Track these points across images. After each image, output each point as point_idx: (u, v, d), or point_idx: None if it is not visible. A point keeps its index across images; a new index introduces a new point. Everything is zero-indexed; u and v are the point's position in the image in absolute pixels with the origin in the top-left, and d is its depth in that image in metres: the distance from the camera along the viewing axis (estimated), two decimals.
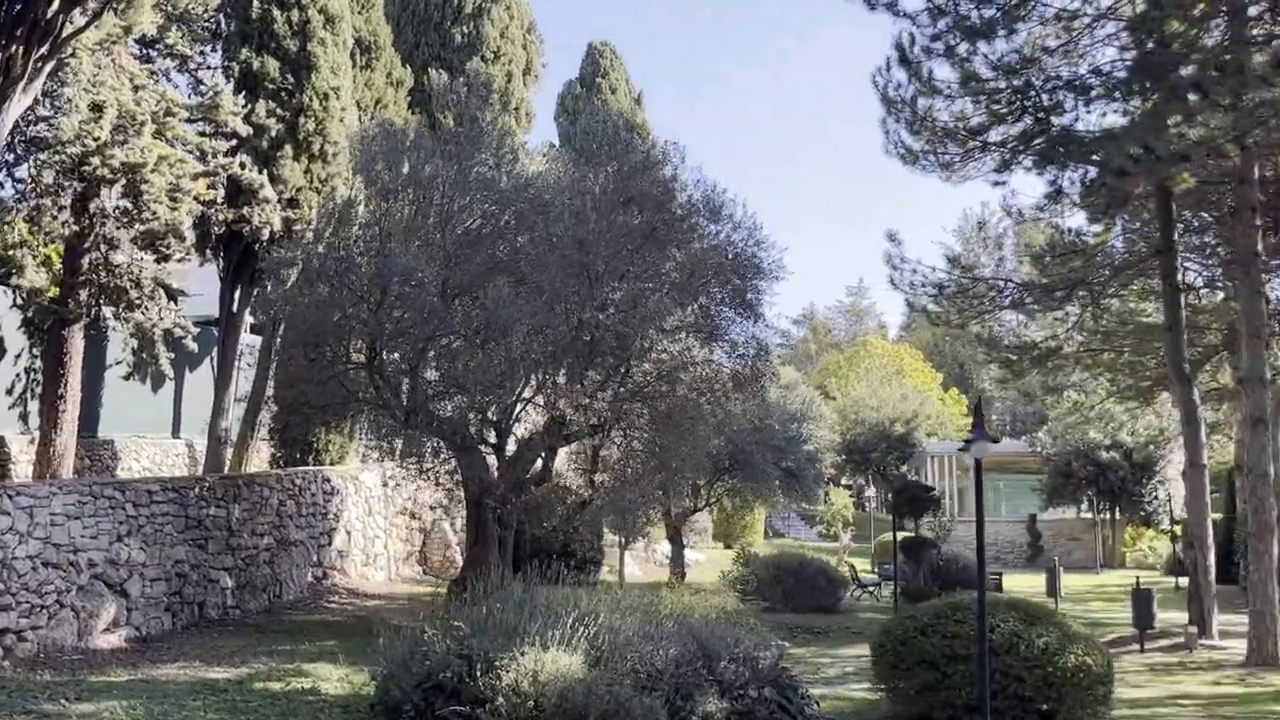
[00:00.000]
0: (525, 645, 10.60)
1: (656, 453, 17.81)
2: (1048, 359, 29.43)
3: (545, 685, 10.26)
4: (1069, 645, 12.58)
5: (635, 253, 16.79)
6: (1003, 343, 31.10)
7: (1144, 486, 38.52)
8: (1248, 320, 20.18)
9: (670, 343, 17.42)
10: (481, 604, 11.67)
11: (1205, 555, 21.92)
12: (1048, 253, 26.72)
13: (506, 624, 11.16)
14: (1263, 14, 20.45)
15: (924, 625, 12.92)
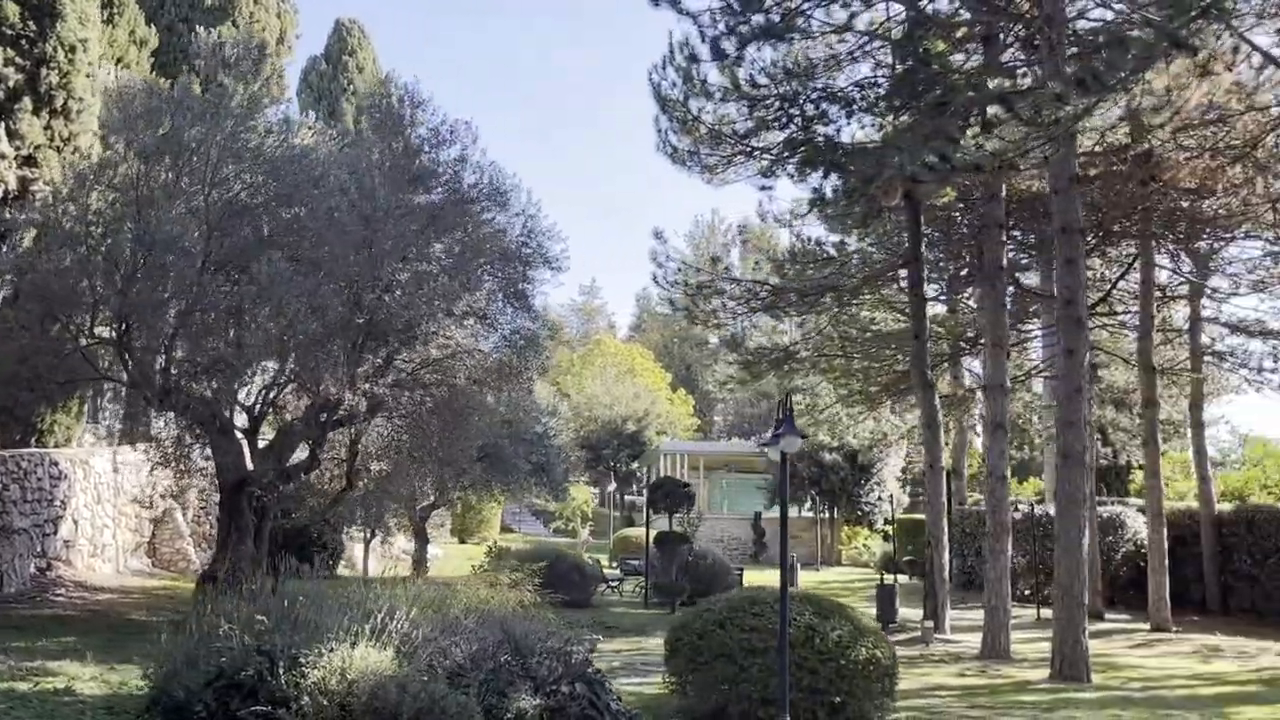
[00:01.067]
0: (333, 641, 9.91)
1: (432, 443, 17.13)
2: (784, 362, 30.33)
3: (354, 683, 9.63)
4: (860, 638, 12.84)
5: (421, 233, 16.11)
6: (744, 344, 31.79)
7: (862, 487, 40.41)
8: (991, 330, 21.39)
9: (457, 328, 16.81)
10: (258, 600, 10.83)
11: (940, 554, 23.08)
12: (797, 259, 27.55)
13: (306, 619, 10.39)
14: (1011, 43, 21.75)
15: (723, 619, 12.90)
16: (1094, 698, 15.98)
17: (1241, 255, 29.05)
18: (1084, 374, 18.34)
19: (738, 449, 45.06)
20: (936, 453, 23.52)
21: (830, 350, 30.05)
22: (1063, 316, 18.36)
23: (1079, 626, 17.86)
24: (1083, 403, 18.20)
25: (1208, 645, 22.32)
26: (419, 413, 16.74)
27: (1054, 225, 18.84)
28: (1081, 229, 19.10)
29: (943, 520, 23.32)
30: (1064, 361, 18.26)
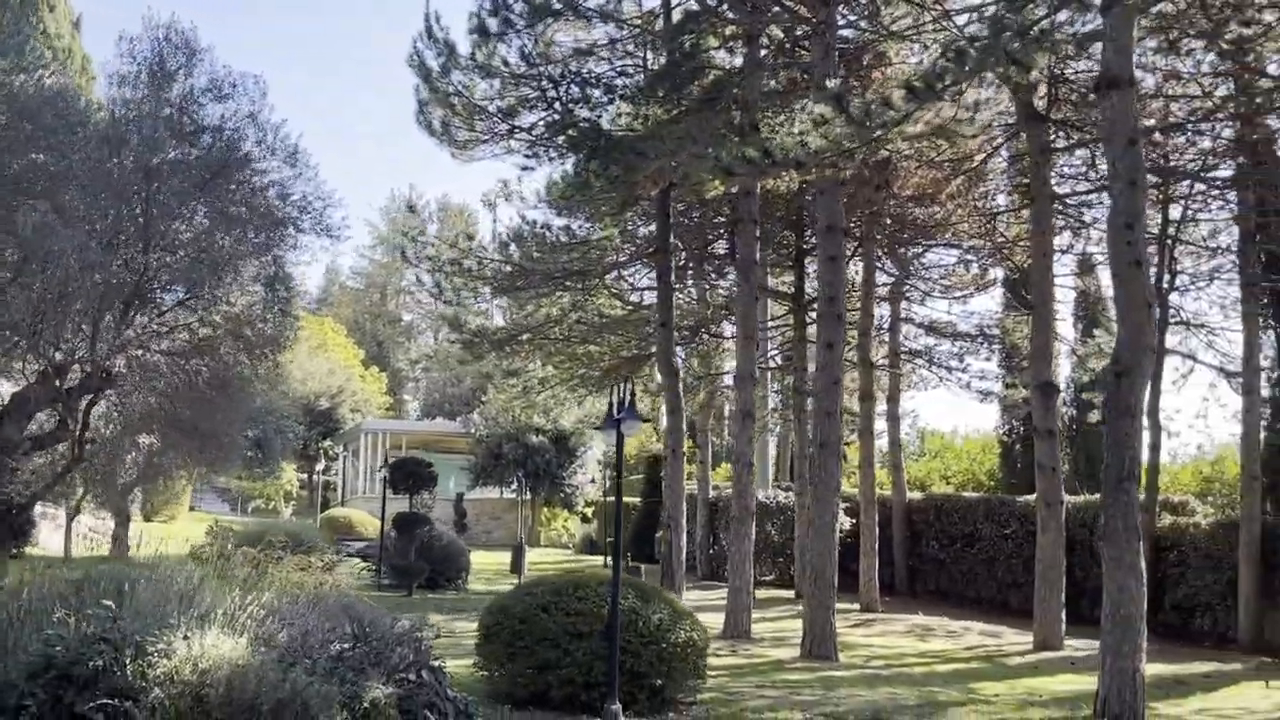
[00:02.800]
0: (184, 629, 9.10)
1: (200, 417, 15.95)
2: (506, 343, 30.26)
3: (208, 673, 8.87)
4: (679, 621, 13.03)
5: (204, 189, 14.95)
6: (465, 324, 31.46)
7: (566, 470, 40.84)
8: (744, 322, 22.11)
9: (240, 295, 15.69)
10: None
11: (679, 536, 23.67)
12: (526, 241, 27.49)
13: (145, 604, 9.49)
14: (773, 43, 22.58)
15: (546, 603, 12.75)
16: (854, 675, 16.83)
17: (940, 261, 31.42)
18: (841, 367, 19.27)
19: (440, 429, 44.47)
20: (678, 439, 24.13)
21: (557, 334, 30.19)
22: (824, 313, 19.22)
23: (830, 608, 18.81)
24: (839, 394, 19.14)
25: (918, 625, 24.00)
26: (193, 382, 15.48)
27: (818, 224, 19.70)
28: (845, 228, 20.04)
29: (682, 504, 23.93)
30: (824, 355, 19.11)
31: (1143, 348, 14.26)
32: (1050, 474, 21.36)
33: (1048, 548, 21.19)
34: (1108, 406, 14.38)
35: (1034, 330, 22.11)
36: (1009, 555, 28.22)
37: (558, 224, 28.16)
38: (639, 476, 43.98)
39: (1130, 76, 14.65)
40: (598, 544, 41.22)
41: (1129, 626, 13.71)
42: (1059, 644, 20.77)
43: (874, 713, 13.19)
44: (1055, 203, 23.13)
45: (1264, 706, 15.72)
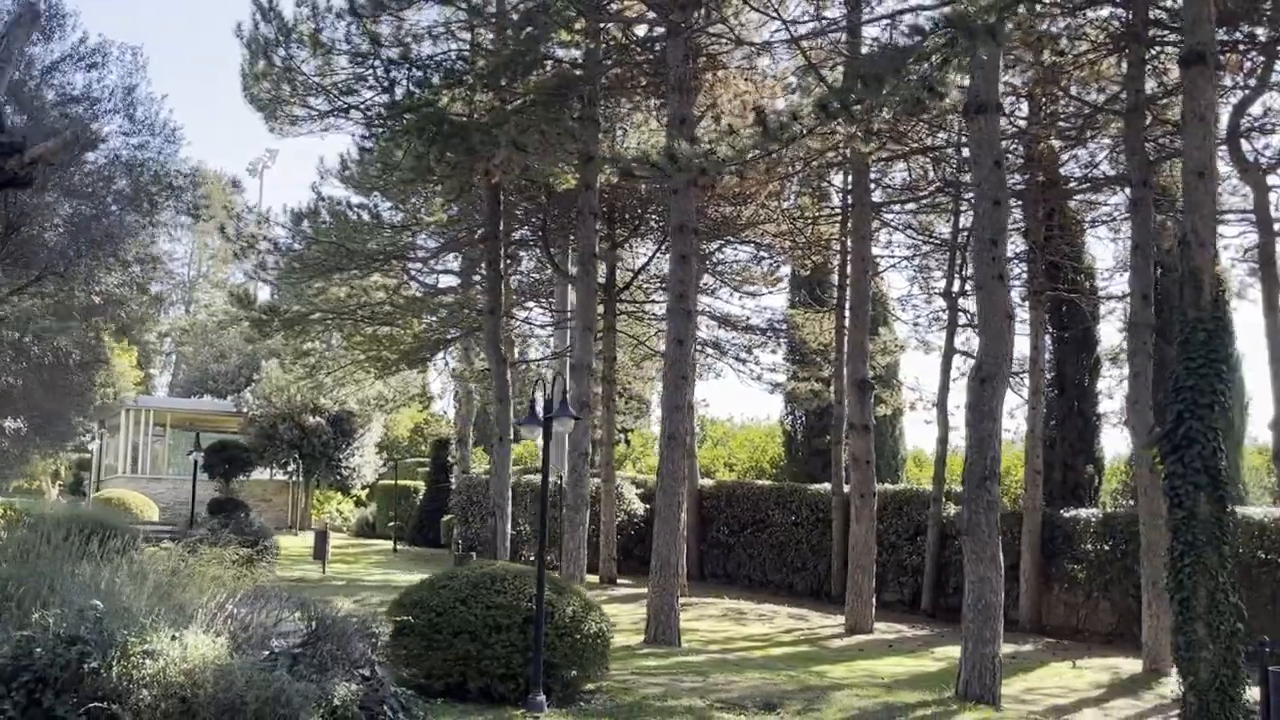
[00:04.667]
0: (165, 628, 8.79)
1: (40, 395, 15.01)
2: (297, 323, 29.56)
3: (196, 674, 8.61)
4: (589, 613, 13.27)
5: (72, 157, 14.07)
6: (255, 303, 30.53)
7: (343, 452, 39.93)
8: (583, 314, 22.40)
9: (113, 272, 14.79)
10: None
11: (504, 522, 23.77)
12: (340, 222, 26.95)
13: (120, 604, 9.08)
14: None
15: (465, 595, 12.72)
16: (705, 660, 17.46)
17: (735, 257, 32.57)
18: (690, 362, 19.85)
19: (209, 407, 42.52)
20: (506, 426, 24.18)
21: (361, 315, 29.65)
22: (674, 309, 19.69)
23: (674, 595, 19.39)
24: (687, 388, 19.71)
25: (731, 609, 24.95)
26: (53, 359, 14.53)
27: (671, 223, 20.19)
28: (696, 228, 20.60)
29: (507, 491, 24.00)
30: (674, 350, 19.61)
31: (1003, 355, 15.45)
32: (865, 467, 22.63)
33: (861, 536, 22.43)
34: (971, 410, 15.50)
35: (851, 329, 23.37)
36: (798, 541, 29.69)
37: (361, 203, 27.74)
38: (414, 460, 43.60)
39: (996, 102, 15.82)
40: (375, 527, 40.56)
41: (989, 615, 14.87)
42: (869, 627, 22.11)
43: (765, 699, 13.78)
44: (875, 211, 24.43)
45: (1082, 685, 17.32)
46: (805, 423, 34.37)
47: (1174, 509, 12.81)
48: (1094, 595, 23.94)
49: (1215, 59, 13.53)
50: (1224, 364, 12.88)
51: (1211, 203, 13.18)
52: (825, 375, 31.27)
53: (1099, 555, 23.80)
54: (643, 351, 34.30)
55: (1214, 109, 13.74)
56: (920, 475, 35.60)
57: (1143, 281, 19.13)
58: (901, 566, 27.20)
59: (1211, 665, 12.22)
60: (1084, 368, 26.87)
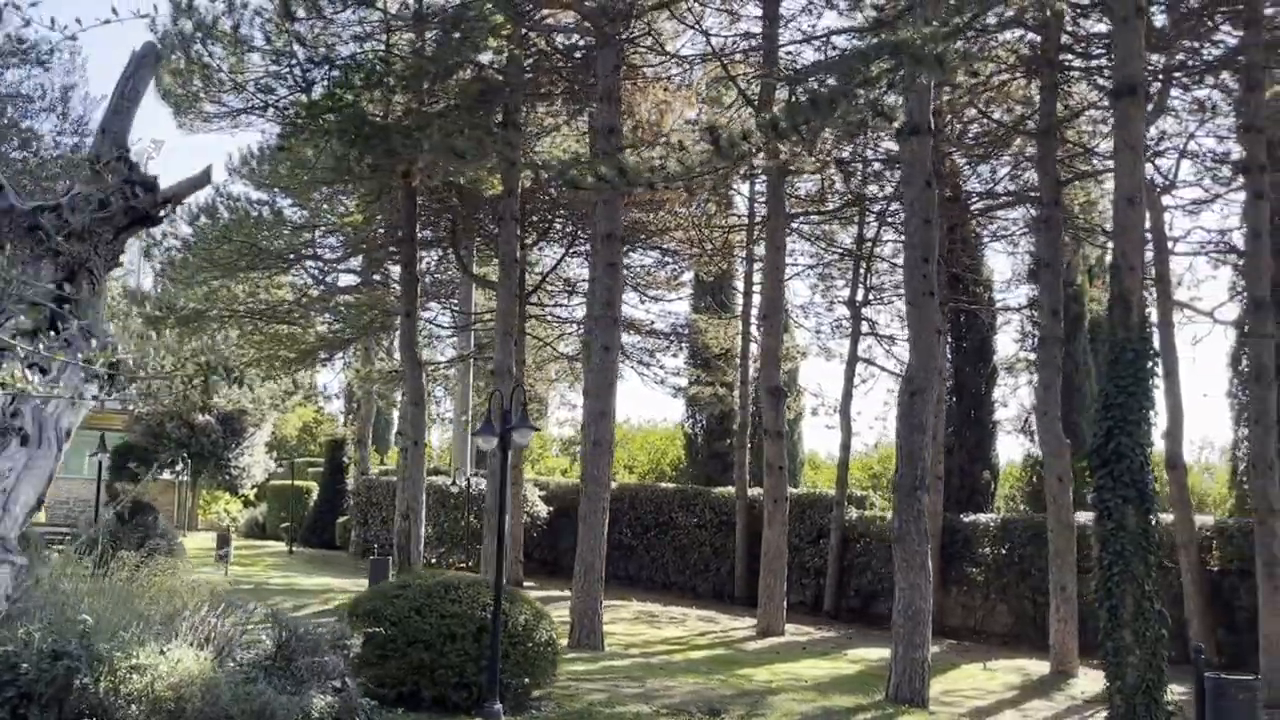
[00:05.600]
0: (150, 642, 8.74)
1: None
2: (193, 320, 29.01)
3: (183, 689, 8.58)
4: (540, 622, 13.40)
5: None
6: (148, 298, 29.91)
7: (233, 452, 39.02)
8: (504, 318, 22.44)
9: None
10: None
11: (418, 526, 23.66)
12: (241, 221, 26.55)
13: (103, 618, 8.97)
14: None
15: (420, 605, 12.72)
16: (633, 664, 17.69)
17: (642, 262, 32.83)
18: (617, 368, 20.05)
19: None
20: (421, 429, 24.07)
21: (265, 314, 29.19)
22: (602, 316, 19.88)
23: (598, 599, 19.58)
24: (613, 396, 19.89)
25: (642, 612, 25.21)
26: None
27: (598, 230, 20.36)
28: (622, 236, 20.79)
29: (421, 494, 23.88)
30: (600, 357, 19.79)
31: (933, 369, 16.02)
32: (778, 472, 23.10)
33: (773, 540, 22.87)
34: (901, 422, 15.98)
35: (765, 337, 23.81)
36: (701, 544, 30.10)
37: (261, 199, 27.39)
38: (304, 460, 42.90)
39: (929, 125, 16.35)
40: (266, 528, 39.81)
41: (919, 621, 15.38)
42: (781, 630, 22.57)
43: (709, 705, 14.05)
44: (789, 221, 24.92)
45: (996, 686, 18.00)
46: (706, 426, 34.80)
47: (1103, 520, 13.40)
48: (991, 597, 24.80)
49: (1146, 91, 14.21)
50: (1151, 382, 13.52)
51: (1141, 228, 13.87)
52: (728, 380, 31.73)
53: (996, 559, 24.67)
54: (545, 354, 34.35)
55: (1143, 139, 14.44)
56: (816, 478, 36.37)
57: (1051, 297, 19.93)
58: (804, 569, 27.77)
59: (1138, 670, 12.84)
60: (981, 376, 27.79)
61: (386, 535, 31.59)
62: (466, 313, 32.06)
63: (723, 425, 33.67)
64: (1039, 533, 23.49)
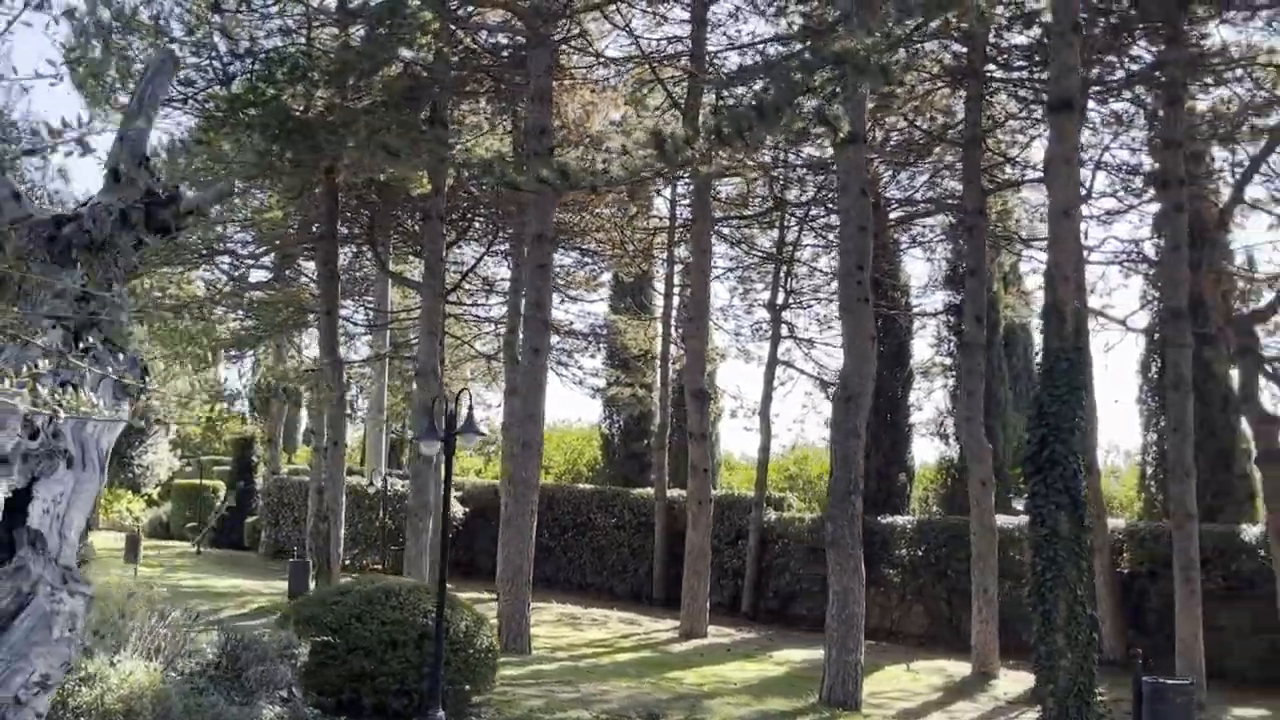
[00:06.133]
0: (99, 653, 8.48)
1: None
2: None
3: (134, 701, 8.35)
4: (480, 628, 13.29)
5: None
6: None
7: (135, 450, 38.12)
8: (429, 318, 22.17)
9: None
10: None
11: (338, 527, 23.27)
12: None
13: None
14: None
15: (360, 611, 12.53)
16: (561, 668, 17.62)
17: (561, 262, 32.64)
18: (547, 370, 19.94)
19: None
20: (341, 429, 23.68)
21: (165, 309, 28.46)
22: (531, 318, 19.78)
23: (526, 602, 19.45)
24: (543, 398, 19.79)
25: (565, 614, 25.12)
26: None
27: (529, 231, 20.23)
28: (553, 237, 20.68)
29: (341, 495, 23.50)
30: (530, 359, 19.68)
31: (867, 375, 16.17)
32: (702, 474, 23.17)
33: (697, 542, 22.95)
34: (835, 428, 16.16)
35: (690, 340, 23.90)
36: (620, 545, 30.10)
37: None
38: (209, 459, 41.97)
39: (863, 134, 16.54)
40: (170, 528, 38.87)
41: (853, 624, 15.55)
42: (704, 631, 22.66)
43: (648, 710, 14.05)
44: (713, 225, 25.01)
45: (920, 688, 18.26)
46: (623, 427, 34.78)
47: (1036, 526, 13.66)
48: (908, 598, 25.16)
49: (1081, 106, 14.52)
50: (1084, 391, 13.82)
51: (1075, 240, 14.18)
52: (648, 381, 31.76)
53: (913, 560, 25.05)
54: (461, 354, 34.02)
55: (1077, 152, 14.76)
56: (731, 479, 36.57)
57: (976, 304, 20.28)
58: (723, 570, 27.88)
59: (1069, 673, 13.12)
60: (898, 381, 28.18)
61: (298, 536, 31.06)
62: (383, 310, 31.61)
63: (640, 426, 33.69)
64: (955, 534, 23.95)
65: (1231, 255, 22.29)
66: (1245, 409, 20.64)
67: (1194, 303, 18.50)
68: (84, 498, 4.30)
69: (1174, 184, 17.96)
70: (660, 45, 24.61)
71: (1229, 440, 23.00)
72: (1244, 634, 19.74)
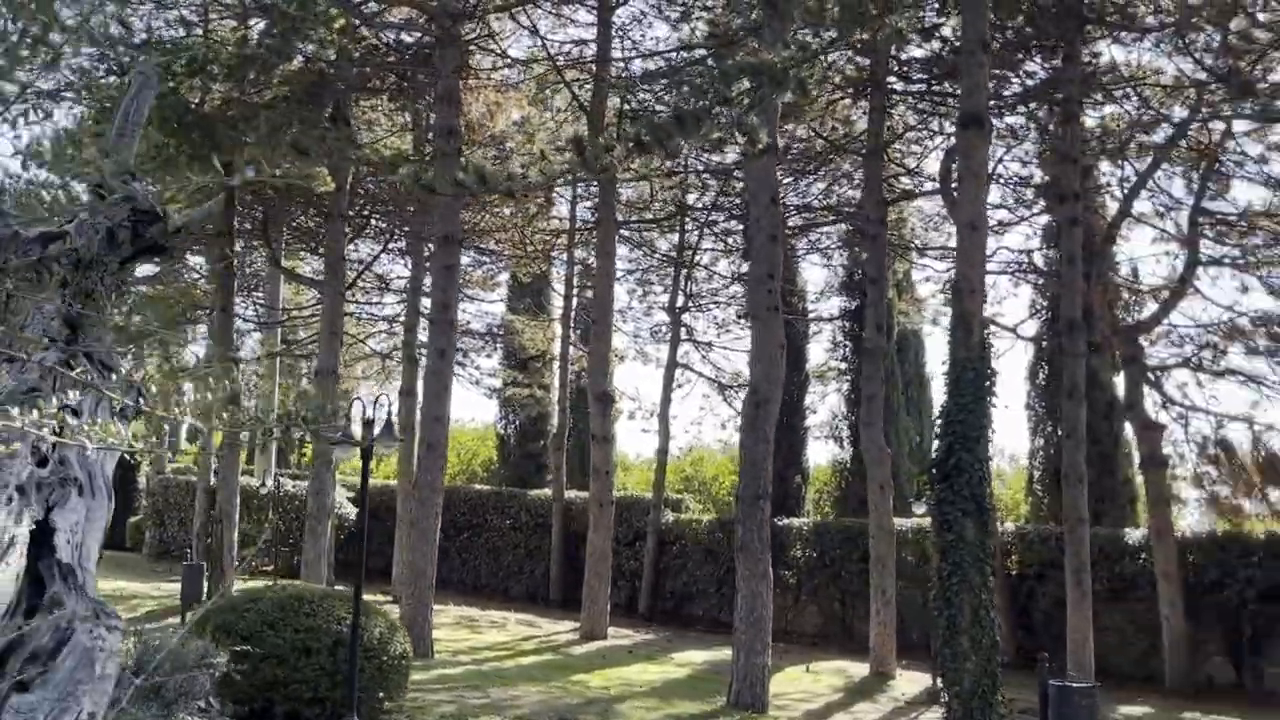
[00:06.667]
0: None
1: None
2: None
3: None
4: (395, 635, 13.18)
5: None
6: None
7: None
8: (330, 318, 21.87)
9: None
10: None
11: (231, 531, 22.83)
12: None
13: None
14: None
15: (273, 619, 12.33)
16: (466, 672, 17.53)
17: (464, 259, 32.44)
18: (452, 373, 19.82)
19: None
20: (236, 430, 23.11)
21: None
22: (438, 320, 19.60)
23: (429, 605, 19.30)
24: (448, 399, 19.66)
25: (462, 616, 24.97)
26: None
27: (435, 233, 20.07)
28: (460, 239, 20.53)
29: (235, 498, 23.04)
30: (435, 361, 19.53)
31: (776, 381, 16.42)
32: (605, 477, 23.22)
33: (599, 544, 23.00)
34: (745, 433, 16.35)
35: (593, 342, 23.90)
36: (516, 546, 30.02)
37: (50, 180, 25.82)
38: None
39: (775, 145, 16.75)
40: None
41: (760, 628, 15.74)
42: (604, 633, 22.71)
43: (560, 715, 14.08)
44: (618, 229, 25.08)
45: (821, 689, 18.57)
46: (519, 428, 34.67)
47: (943, 532, 14.00)
48: (803, 599, 25.55)
49: (990, 123, 14.92)
50: (989, 400, 14.20)
51: (982, 252, 14.54)
52: (545, 382, 31.71)
53: (808, 561, 25.44)
54: (355, 352, 33.60)
55: (986, 167, 15.16)
56: (626, 480, 36.67)
57: (877, 312, 20.68)
58: (620, 571, 27.94)
59: (974, 675, 13.49)
60: (795, 384, 28.54)
61: (185, 537, 30.29)
62: (274, 308, 31.01)
63: (537, 427, 33.64)
64: (849, 536, 24.42)
65: (1117, 267, 23.05)
66: (1130, 416, 21.49)
67: (1083, 313, 19.10)
68: (96, 526, 4.17)
69: (1070, 198, 18.55)
70: (565, 48, 24.61)
71: (1112, 446, 23.78)
72: (1126, 634, 20.47)
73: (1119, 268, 23.11)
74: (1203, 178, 20.95)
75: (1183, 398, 21.68)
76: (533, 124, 25.87)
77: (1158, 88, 20.60)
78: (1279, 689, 18.88)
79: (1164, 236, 22.31)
